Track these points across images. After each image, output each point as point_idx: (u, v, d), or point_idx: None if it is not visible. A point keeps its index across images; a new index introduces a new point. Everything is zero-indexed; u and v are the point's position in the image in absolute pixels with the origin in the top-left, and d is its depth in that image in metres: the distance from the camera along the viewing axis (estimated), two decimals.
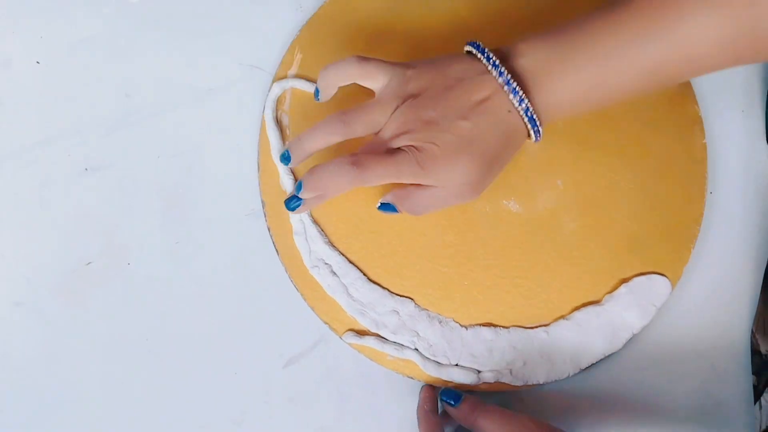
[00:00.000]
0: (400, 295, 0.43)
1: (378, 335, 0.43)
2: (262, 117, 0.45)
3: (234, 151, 0.45)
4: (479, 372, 0.42)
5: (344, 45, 0.46)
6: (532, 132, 0.37)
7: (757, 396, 0.43)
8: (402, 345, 0.43)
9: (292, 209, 0.39)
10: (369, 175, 0.36)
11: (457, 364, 0.42)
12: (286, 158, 0.39)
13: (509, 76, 0.36)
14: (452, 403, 0.41)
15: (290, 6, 0.47)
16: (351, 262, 0.43)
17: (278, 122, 0.45)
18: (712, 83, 0.47)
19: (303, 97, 0.45)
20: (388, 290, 0.43)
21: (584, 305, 0.44)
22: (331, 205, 0.43)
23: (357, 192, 0.43)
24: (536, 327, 0.43)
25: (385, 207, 0.40)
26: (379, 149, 0.37)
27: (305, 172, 0.38)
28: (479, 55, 0.37)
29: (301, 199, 0.39)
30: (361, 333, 0.43)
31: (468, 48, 0.38)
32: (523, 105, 0.36)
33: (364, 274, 0.43)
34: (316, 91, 0.41)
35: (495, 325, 0.43)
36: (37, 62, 0.46)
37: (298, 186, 0.38)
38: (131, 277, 0.44)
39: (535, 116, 0.36)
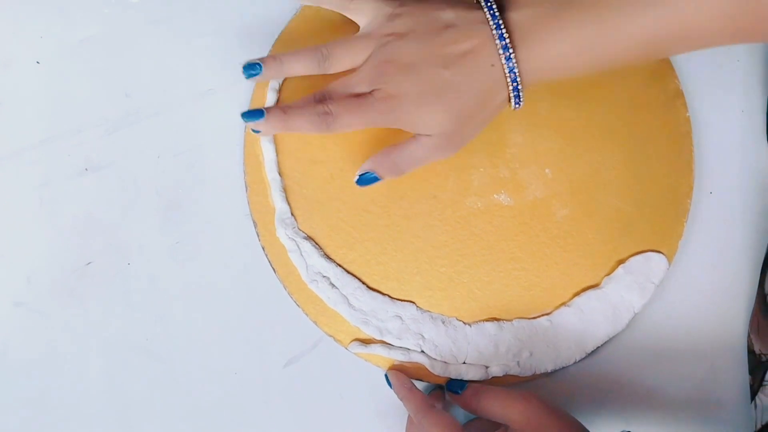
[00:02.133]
0: (401, 300, 0.43)
1: (384, 342, 0.43)
2: (244, 136, 0.44)
3: (234, 151, 0.45)
4: (487, 367, 0.42)
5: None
6: (512, 94, 0.36)
7: (753, 395, 0.43)
8: (408, 349, 0.43)
9: (256, 130, 0.38)
10: (338, 126, 0.36)
11: (464, 362, 0.43)
12: (254, 68, 0.37)
13: (504, 29, 0.35)
14: (457, 391, 0.41)
15: (289, 6, 0.47)
16: (349, 272, 0.43)
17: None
18: (712, 82, 0.47)
19: None
20: (389, 296, 0.43)
21: (584, 290, 0.44)
22: (322, 218, 0.43)
23: (348, 202, 0.43)
24: (539, 317, 0.43)
25: (364, 179, 0.39)
26: (350, 89, 0.36)
27: (275, 109, 0.37)
28: (482, 3, 0.36)
29: (259, 118, 0.37)
30: (367, 342, 0.43)
31: None
32: (510, 62, 0.35)
33: (363, 283, 0.43)
34: None
35: (498, 320, 0.43)
36: (37, 62, 0.46)
37: (260, 113, 0.37)
38: (131, 277, 0.44)
39: (518, 74, 0.35)
